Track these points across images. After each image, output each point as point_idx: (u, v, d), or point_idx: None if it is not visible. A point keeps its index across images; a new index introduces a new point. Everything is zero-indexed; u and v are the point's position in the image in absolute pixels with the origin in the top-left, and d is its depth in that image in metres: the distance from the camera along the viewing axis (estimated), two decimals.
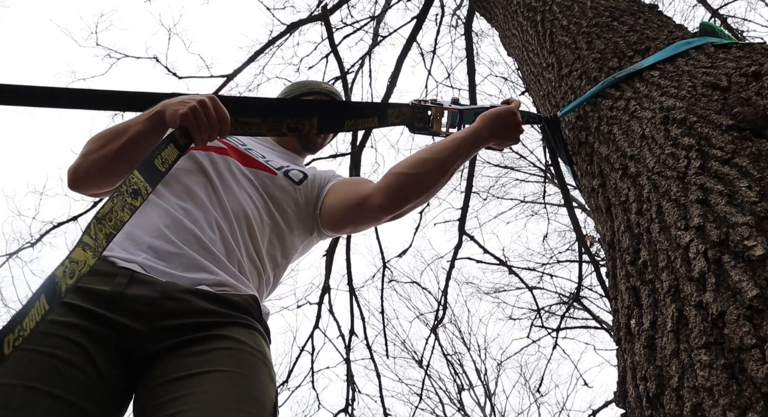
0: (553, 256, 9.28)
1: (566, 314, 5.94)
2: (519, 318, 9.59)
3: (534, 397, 10.27)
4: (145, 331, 0.97)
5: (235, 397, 0.90)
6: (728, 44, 1.32)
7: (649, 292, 0.98)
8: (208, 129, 1.12)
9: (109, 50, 4.48)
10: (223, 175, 1.27)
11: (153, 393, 0.91)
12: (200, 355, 0.95)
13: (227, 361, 0.95)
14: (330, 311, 4.45)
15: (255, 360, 1.00)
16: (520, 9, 2.31)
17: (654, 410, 0.86)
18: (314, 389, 4.72)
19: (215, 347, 0.97)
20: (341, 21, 4.92)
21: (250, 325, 1.06)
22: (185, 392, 0.88)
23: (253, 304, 1.11)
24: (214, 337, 0.99)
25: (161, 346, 0.97)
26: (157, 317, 0.98)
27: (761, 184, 0.86)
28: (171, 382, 0.91)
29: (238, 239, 1.19)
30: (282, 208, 1.32)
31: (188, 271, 1.08)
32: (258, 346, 1.03)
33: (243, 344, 1.00)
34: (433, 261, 8.16)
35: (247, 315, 1.08)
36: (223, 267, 1.13)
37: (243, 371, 0.95)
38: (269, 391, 0.98)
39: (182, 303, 1.01)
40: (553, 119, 1.63)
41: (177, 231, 1.13)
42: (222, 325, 1.02)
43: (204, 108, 1.11)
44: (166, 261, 1.08)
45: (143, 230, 1.13)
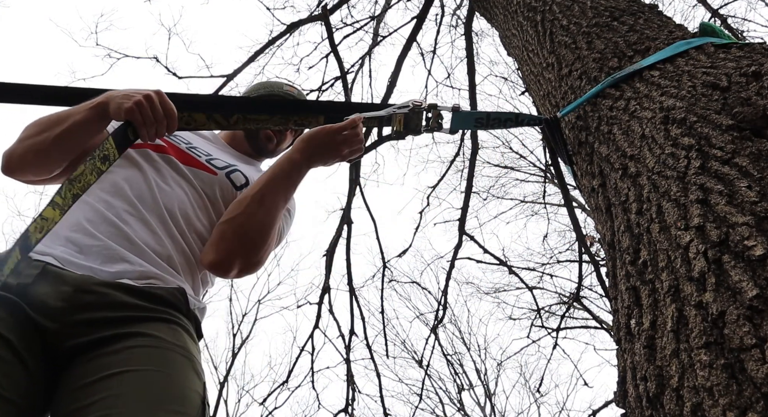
0: (553, 256, 9.28)
1: (566, 314, 5.95)
2: (519, 318, 9.60)
3: (534, 397, 10.27)
4: (58, 328, 0.93)
5: (155, 397, 0.87)
6: (728, 44, 1.32)
7: (649, 292, 0.98)
8: (153, 124, 1.09)
9: (109, 50, 4.49)
10: (158, 171, 1.23)
11: (71, 397, 0.88)
12: (115, 354, 0.92)
13: (144, 359, 0.92)
14: (330, 311, 4.46)
15: (175, 355, 0.96)
16: (520, 9, 2.31)
17: (654, 410, 0.86)
18: (314, 389, 4.73)
19: (131, 345, 0.94)
20: (341, 21, 4.92)
21: (171, 320, 1.03)
22: (102, 395, 0.86)
23: (180, 297, 1.08)
24: (130, 334, 0.95)
25: (77, 341, 0.93)
26: (71, 311, 0.95)
27: (761, 184, 0.86)
28: (87, 385, 0.88)
29: (169, 233, 1.16)
30: (219, 208, 1.28)
31: (108, 262, 1.04)
32: (178, 342, 1.00)
33: (161, 341, 0.97)
34: (433, 261, 8.18)
35: (172, 308, 1.05)
36: (147, 258, 1.09)
37: (162, 369, 0.92)
38: (193, 385, 0.95)
39: (98, 296, 0.98)
40: (553, 119, 1.63)
41: (98, 223, 1.09)
42: (139, 320, 0.99)
43: (150, 102, 1.08)
44: (85, 254, 1.04)
45: (64, 225, 1.09)
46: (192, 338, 1.06)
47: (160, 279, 1.08)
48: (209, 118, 1.22)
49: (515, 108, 7.65)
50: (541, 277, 9.09)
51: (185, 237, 1.19)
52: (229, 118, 1.24)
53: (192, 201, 1.23)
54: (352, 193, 4.22)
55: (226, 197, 1.29)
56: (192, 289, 1.18)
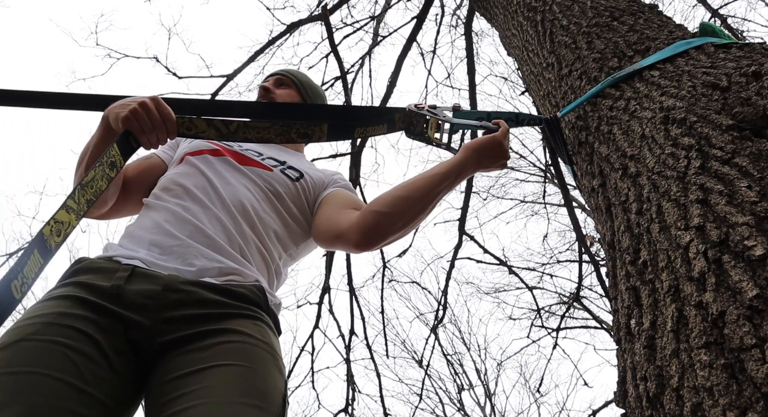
0: (553, 256, 9.28)
1: (566, 314, 5.94)
2: (519, 318, 9.59)
3: (534, 397, 10.27)
4: (150, 324, 0.97)
5: (242, 391, 0.90)
6: (728, 44, 1.32)
7: (649, 292, 0.98)
8: (152, 130, 1.12)
9: (109, 50, 4.49)
10: (220, 173, 1.28)
11: (161, 390, 0.91)
12: (206, 349, 0.95)
13: (233, 354, 0.95)
14: (330, 311, 4.46)
15: (261, 352, 0.99)
16: (520, 9, 2.31)
17: (654, 410, 0.86)
18: (314, 389, 4.72)
19: (220, 341, 0.97)
20: (341, 21, 4.92)
21: (256, 317, 1.06)
22: (192, 388, 0.88)
23: (260, 294, 1.11)
24: (220, 331, 0.99)
25: (168, 338, 0.97)
26: (161, 309, 0.99)
27: (761, 184, 0.86)
28: (177, 378, 0.91)
29: (240, 229, 1.19)
30: (284, 201, 1.32)
31: (190, 261, 1.09)
32: (264, 338, 1.03)
33: (248, 336, 1.00)
34: (433, 261, 8.16)
35: (253, 306, 1.08)
36: (226, 254, 1.13)
37: (249, 364, 0.95)
38: (277, 382, 0.98)
39: (185, 294, 1.01)
40: (553, 119, 1.63)
41: (177, 224, 1.14)
42: (227, 317, 1.02)
43: (145, 109, 1.11)
44: (168, 254, 1.09)
45: (144, 229, 1.15)
46: (274, 334, 1.09)
47: (239, 274, 1.11)
48: (209, 125, 1.23)
49: (515, 108, 7.64)
50: (541, 277, 9.08)
51: (257, 231, 1.23)
52: (228, 125, 1.24)
53: (257, 197, 1.28)
54: None
55: (289, 193, 1.34)
56: (267, 283, 1.22)
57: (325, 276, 4.39)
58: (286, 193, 1.33)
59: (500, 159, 1.30)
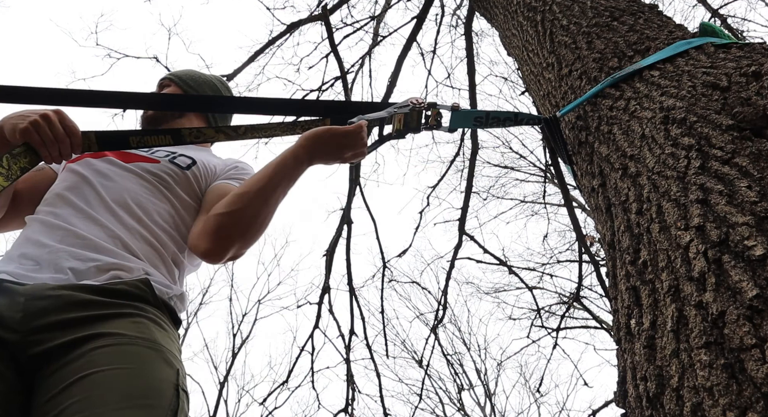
0: (553, 256, 9.28)
1: (566, 314, 5.94)
2: (519, 318, 9.60)
3: (534, 397, 10.27)
4: (18, 339, 0.93)
5: (122, 394, 0.86)
6: (728, 44, 1.32)
7: (649, 292, 0.98)
8: (54, 143, 1.08)
9: (109, 50, 4.49)
10: (101, 173, 1.23)
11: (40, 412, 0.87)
12: (77, 360, 0.91)
13: (106, 359, 0.91)
14: (330, 311, 4.46)
15: (139, 349, 0.95)
16: (520, 9, 2.31)
17: (654, 410, 0.86)
18: (314, 389, 4.73)
19: (92, 347, 0.92)
20: (341, 21, 4.92)
21: (135, 314, 1.01)
22: (69, 402, 0.85)
23: (144, 287, 1.06)
24: (90, 337, 0.94)
25: (39, 349, 0.92)
26: (27, 320, 0.94)
27: (761, 184, 0.86)
28: (54, 396, 0.87)
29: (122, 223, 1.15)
30: (173, 190, 1.27)
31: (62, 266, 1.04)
32: (143, 334, 0.98)
33: (122, 337, 0.95)
34: (433, 261, 8.18)
35: (136, 301, 1.03)
36: (103, 250, 1.08)
37: (127, 365, 0.91)
38: (163, 375, 0.94)
39: (51, 300, 0.97)
40: (553, 119, 1.63)
41: (45, 232, 1.10)
42: (98, 319, 0.97)
43: (47, 121, 1.06)
44: (40, 265, 1.05)
45: (15, 245, 1.11)
46: (161, 327, 1.05)
47: (121, 268, 1.07)
48: (218, 131, 1.21)
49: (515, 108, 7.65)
50: (541, 277, 9.09)
51: (144, 224, 1.18)
52: (237, 129, 1.22)
53: (143, 190, 1.23)
54: (352, 193, 4.22)
55: (178, 181, 1.28)
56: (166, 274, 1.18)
57: (325, 276, 4.39)
58: (175, 182, 1.28)
59: (335, 154, 1.25)
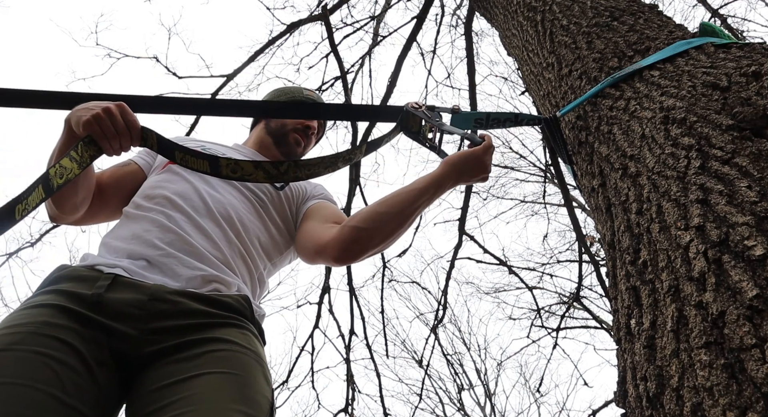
0: (553, 256, 9.28)
1: (566, 314, 5.94)
2: (519, 318, 9.59)
3: (534, 397, 10.27)
4: (137, 334, 0.96)
5: (231, 397, 0.89)
6: (728, 44, 1.32)
7: (649, 292, 0.98)
8: (115, 136, 1.09)
9: (109, 50, 4.49)
10: (205, 180, 1.26)
11: (146, 400, 0.90)
12: (193, 359, 0.94)
13: (221, 363, 0.95)
14: (330, 311, 4.46)
15: (249, 360, 0.99)
16: (520, 9, 2.31)
17: (654, 410, 0.86)
18: (314, 389, 4.72)
19: (208, 350, 0.96)
20: (341, 21, 4.92)
21: (243, 326, 1.06)
22: (179, 396, 0.88)
23: (245, 304, 1.10)
24: (207, 340, 0.98)
25: (155, 348, 0.96)
26: (148, 319, 0.98)
27: (761, 184, 0.86)
28: (164, 387, 0.90)
29: (225, 238, 1.19)
30: (268, 210, 1.32)
31: (174, 271, 1.07)
32: (251, 347, 1.02)
33: (236, 345, 1.00)
34: (433, 261, 8.16)
35: (239, 315, 1.07)
36: (208, 262, 1.12)
37: (237, 372, 0.95)
38: (264, 391, 0.97)
39: (171, 304, 1.00)
40: (553, 119, 1.63)
41: (159, 233, 1.12)
42: (214, 326, 1.01)
43: (108, 115, 1.08)
44: (151, 264, 1.08)
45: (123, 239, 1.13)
46: (260, 343, 1.09)
47: (221, 282, 1.11)
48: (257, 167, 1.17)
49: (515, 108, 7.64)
50: (541, 277, 9.08)
51: (242, 241, 1.22)
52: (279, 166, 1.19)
53: (242, 205, 1.27)
54: (352, 193, 4.22)
55: (272, 201, 1.33)
56: (250, 292, 1.21)
57: (325, 276, 4.39)
58: (270, 202, 1.32)
59: (480, 173, 1.27)
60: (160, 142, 1.16)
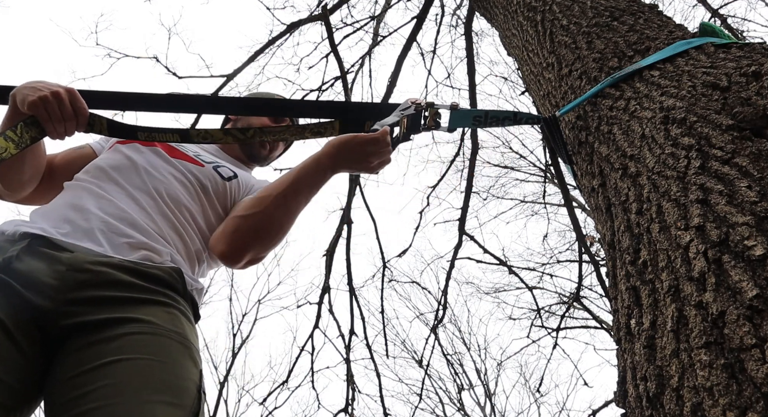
0: (553, 256, 9.28)
1: (566, 314, 5.94)
2: (519, 318, 9.60)
3: (534, 397, 10.27)
4: (53, 306, 0.91)
5: (151, 387, 0.85)
6: (728, 44, 1.32)
7: (649, 292, 0.98)
8: (61, 121, 1.08)
9: (109, 50, 4.50)
10: (147, 161, 1.24)
11: (63, 388, 0.86)
12: (111, 341, 0.89)
13: (140, 347, 0.90)
14: (330, 311, 4.46)
15: (172, 343, 0.94)
16: (520, 9, 2.31)
17: (654, 410, 0.86)
18: (314, 389, 4.73)
19: (127, 332, 0.91)
20: (341, 21, 4.92)
21: (169, 303, 1.01)
22: (96, 385, 0.83)
23: (176, 277, 1.06)
24: (126, 320, 0.93)
25: (72, 321, 0.91)
26: (65, 290, 0.93)
27: (761, 184, 0.86)
28: (80, 375, 0.86)
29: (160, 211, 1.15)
30: (209, 196, 1.28)
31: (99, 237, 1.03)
32: (176, 327, 0.97)
33: (157, 327, 0.94)
34: (433, 261, 8.18)
35: (168, 289, 1.03)
36: (140, 229, 1.08)
37: (158, 357, 0.90)
38: (190, 374, 0.93)
39: (92, 274, 0.96)
40: (552, 119, 1.63)
41: (89, 199, 1.10)
42: (135, 302, 0.96)
43: (57, 98, 1.06)
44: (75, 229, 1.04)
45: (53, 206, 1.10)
46: (189, 322, 1.04)
47: (152, 250, 1.06)
48: (226, 133, 1.18)
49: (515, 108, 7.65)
50: (541, 277, 9.09)
51: (177, 217, 1.18)
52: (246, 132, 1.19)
53: (182, 188, 1.23)
54: (352, 193, 4.22)
55: (216, 189, 1.29)
56: (189, 267, 1.17)
57: (325, 276, 4.39)
58: (213, 190, 1.28)
59: (360, 162, 1.20)
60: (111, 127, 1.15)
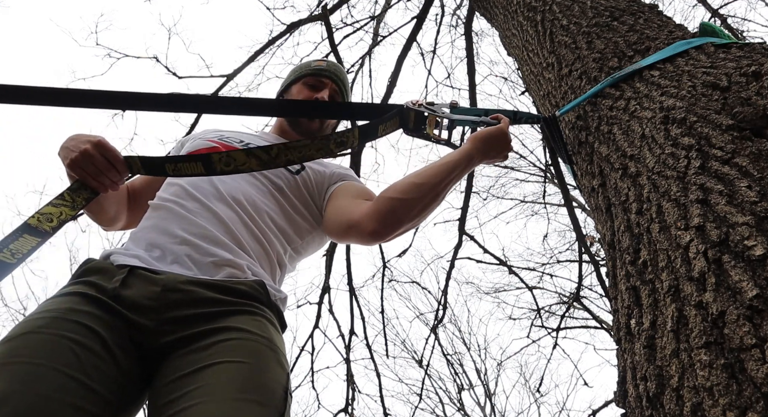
0: (553, 256, 9.28)
1: (566, 314, 5.94)
2: (519, 318, 9.60)
3: (534, 397, 10.27)
4: (153, 326, 0.99)
5: (240, 387, 0.90)
6: (728, 44, 1.32)
7: (649, 292, 0.98)
8: (100, 174, 1.14)
9: (109, 50, 4.49)
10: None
11: (160, 393, 0.92)
12: (204, 349, 0.96)
13: (231, 351, 0.96)
14: (330, 311, 4.46)
15: (260, 347, 0.99)
16: (520, 9, 2.31)
17: (654, 410, 0.86)
18: (314, 389, 4.72)
19: (218, 339, 0.97)
20: (341, 21, 4.92)
21: (255, 312, 1.06)
22: (190, 388, 0.89)
23: (259, 289, 1.11)
24: (218, 329, 0.99)
25: (171, 338, 0.98)
26: (162, 310, 1.00)
27: (761, 184, 0.86)
28: (176, 380, 0.92)
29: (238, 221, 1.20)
30: (285, 194, 1.33)
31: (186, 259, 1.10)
32: (263, 333, 1.03)
33: (247, 333, 1.00)
34: (433, 261, 8.16)
35: (253, 301, 1.08)
36: (221, 245, 1.14)
37: (247, 359, 0.95)
38: (278, 377, 0.97)
39: (183, 293, 1.02)
40: (551, 118, 1.63)
41: (173, 221, 1.16)
42: (227, 314, 1.03)
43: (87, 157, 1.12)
44: (166, 253, 1.11)
45: (142, 230, 1.18)
46: (276, 328, 1.09)
47: (235, 267, 1.12)
48: (248, 155, 1.16)
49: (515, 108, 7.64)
50: (541, 277, 9.08)
51: (256, 223, 1.24)
52: (269, 151, 1.17)
53: (255, 191, 1.29)
54: None
55: (290, 185, 1.35)
56: (270, 274, 1.23)
57: (325, 276, 4.39)
58: (287, 186, 1.34)
59: (505, 149, 1.36)
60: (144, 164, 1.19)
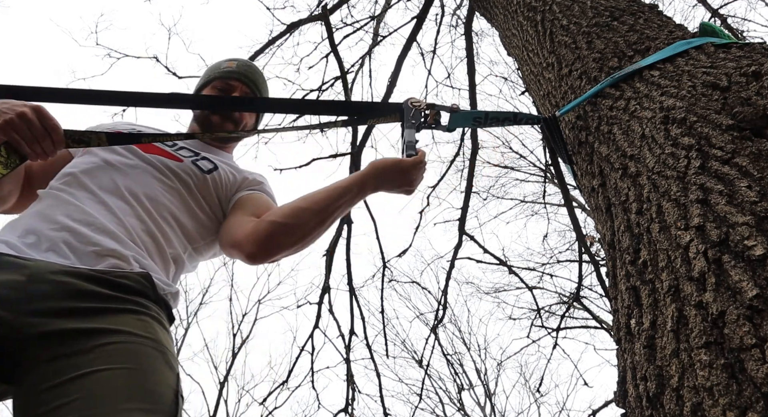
0: (553, 256, 9.28)
1: (566, 314, 5.94)
2: (519, 318, 9.61)
3: (534, 397, 10.27)
4: (13, 318, 0.89)
5: (127, 395, 0.85)
6: (728, 44, 1.32)
7: (649, 291, 0.98)
8: (34, 141, 1.06)
9: (109, 50, 4.50)
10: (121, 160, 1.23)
11: (38, 399, 0.84)
12: (86, 353, 0.88)
13: (115, 357, 0.89)
14: (330, 311, 4.45)
15: (146, 349, 0.93)
16: (520, 9, 2.31)
17: (654, 410, 0.86)
18: (314, 389, 4.73)
19: (102, 343, 0.90)
20: (341, 21, 4.92)
21: (140, 311, 0.99)
22: (73, 397, 0.82)
23: (145, 282, 1.04)
24: (98, 330, 0.91)
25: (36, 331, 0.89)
26: (23, 301, 0.91)
27: (761, 183, 0.86)
28: (56, 386, 0.84)
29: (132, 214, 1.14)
30: (192, 192, 1.27)
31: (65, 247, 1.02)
32: (149, 334, 0.96)
33: (131, 335, 0.93)
34: (433, 261, 8.18)
35: (139, 296, 1.01)
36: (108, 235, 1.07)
37: (134, 365, 0.89)
38: (167, 379, 0.92)
39: (55, 285, 0.94)
40: (551, 119, 1.63)
41: (56, 207, 1.08)
42: (106, 312, 0.95)
43: (24, 120, 1.05)
44: (41, 239, 1.02)
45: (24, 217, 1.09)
46: (163, 326, 1.03)
47: (119, 257, 1.04)
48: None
49: (515, 108, 7.65)
50: (541, 277, 9.09)
51: (153, 218, 1.17)
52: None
53: (159, 185, 1.22)
54: None
55: (198, 184, 1.28)
56: (163, 271, 1.16)
57: (325, 276, 4.39)
58: (195, 184, 1.27)
59: (402, 185, 1.28)
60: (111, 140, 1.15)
